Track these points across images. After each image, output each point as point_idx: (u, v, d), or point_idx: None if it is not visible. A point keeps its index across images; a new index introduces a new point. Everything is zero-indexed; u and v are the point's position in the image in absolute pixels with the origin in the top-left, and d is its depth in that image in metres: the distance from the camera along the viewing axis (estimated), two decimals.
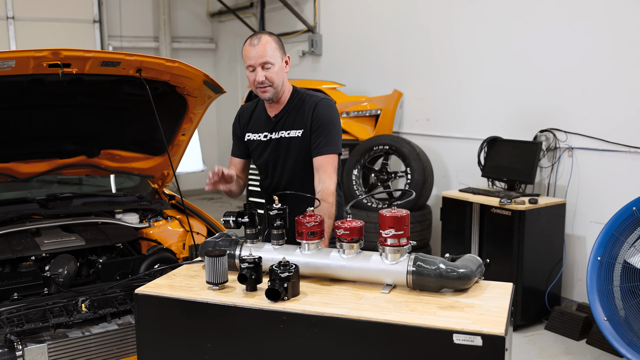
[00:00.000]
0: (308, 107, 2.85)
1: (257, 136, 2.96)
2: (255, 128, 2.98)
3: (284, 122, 2.89)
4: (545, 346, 4.44)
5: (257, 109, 3.00)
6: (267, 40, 2.74)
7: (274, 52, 2.75)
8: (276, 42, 2.78)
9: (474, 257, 2.31)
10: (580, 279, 4.81)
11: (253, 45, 2.74)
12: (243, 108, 3.07)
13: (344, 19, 7.16)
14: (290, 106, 2.89)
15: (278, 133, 2.90)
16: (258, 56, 2.72)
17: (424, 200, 5.68)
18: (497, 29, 5.37)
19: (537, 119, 5.03)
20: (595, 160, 4.71)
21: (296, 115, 2.87)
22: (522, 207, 4.52)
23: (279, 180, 2.94)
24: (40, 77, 2.87)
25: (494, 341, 1.83)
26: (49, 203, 3.54)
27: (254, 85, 2.81)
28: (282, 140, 2.89)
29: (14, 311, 2.63)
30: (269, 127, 2.93)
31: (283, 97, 2.88)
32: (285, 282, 2.13)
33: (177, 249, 3.49)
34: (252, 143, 2.99)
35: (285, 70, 2.84)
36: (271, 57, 2.73)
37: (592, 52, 4.66)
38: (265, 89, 2.78)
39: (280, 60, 2.79)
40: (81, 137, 3.48)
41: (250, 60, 2.74)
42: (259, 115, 2.97)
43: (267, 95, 2.80)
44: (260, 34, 2.78)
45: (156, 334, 2.26)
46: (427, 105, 6.12)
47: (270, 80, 2.76)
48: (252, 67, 2.76)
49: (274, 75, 2.76)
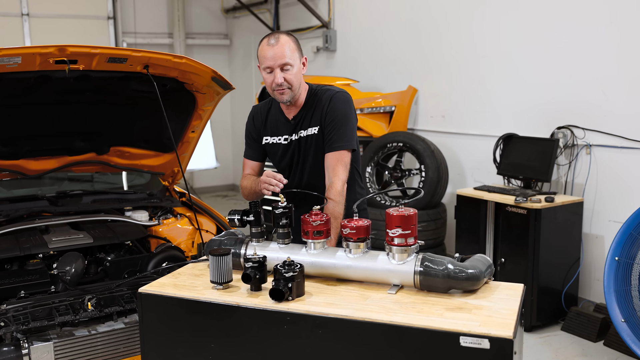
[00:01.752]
0: (324, 102, 2.74)
1: (276, 139, 2.84)
2: (273, 131, 2.85)
3: (302, 122, 2.78)
4: (561, 347, 4.36)
5: (272, 110, 2.87)
6: (285, 41, 2.62)
7: (292, 53, 2.63)
8: (294, 43, 2.67)
9: (483, 258, 2.26)
10: (598, 279, 4.71)
11: (271, 46, 2.61)
12: (256, 109, 2.94)
13: (359, 15, 7.10)
14: (307, 105, 2.78)
15: (297, 134, 2.79)
16: (277, 57, 2.60)
17: (439, 198, 5.61)
18: (514, 26, 5.28)
19: (554, 116, 4.94)
20: (614, 158, 4.61)
21: (313, 112, 2.76)
22: (538, 206, 4.44)
23: (301, 179, 2.84)
24: (47, 73, 2.87)
25: (501, 344, 1.79)
26: (58, 200, 3.54)
27: (270, 88, 2.68)
28: (301, 140, 2.78)
29: (20, 309, 2.63)
30: (288, 130, 2.81)
31: (300, 98, 2.77)
32: (289, 282, 2.09)
33: (186, 247, 3.47)
34: (271, 146, 2.87)
35: (303, 72, 2.72)
36: (290, 58, 2.62)
37: (611, 47, 4.56)
38: (283, 91, 2.66)
39: (298, 62, 2.67)
40: (90, 134, 3.48)
41: (268, 61, 2.62)
42: (276, 118, 2.85)
43: (285, 98, 2.68)
44: (278, 34, 2.65)
45: (160, 334, 2.25)
46: (443, 102, 6.05)
47: (289, 82, 2.64)
48: (269, 68, 2.63)
49: (292, 77, 2.64)
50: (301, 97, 2.77)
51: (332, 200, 2.63)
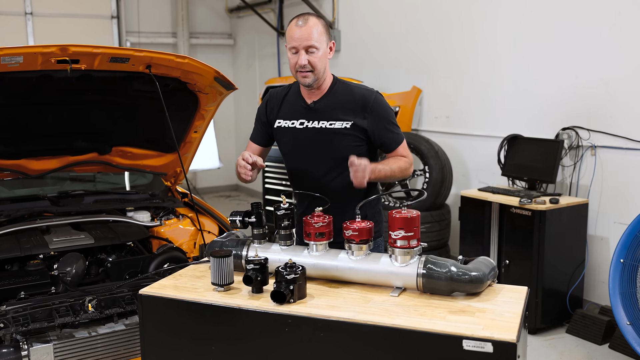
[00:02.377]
0: (360, 100, 2.67)
1: (289, 123, 2.75)
2: (287, 115, 2.76)
3: (325, 111, 2.69)
4: (566, 350, 4.33)
5: (290, 94, 2.79)
6: (314, 23, 2.58)
7: (320, 36, 2.58)
8: (323, 26, 2.61)
9: (487, 260, 2.24)
10: (603, 281, 4.68)
11: (299, 27, 2.57)
12: (272, 93, 2.85)
13: (363, 15, 7.08)
14: (333, 94, 2.70)
15: (319, 122, 2.69)
16: (303, 38, 2.55)
17: (443, 200, 5.58)
18: (519, 26, 5.25)
19: (559, 117, 4.91)
20: (619, 159, 4.57)
21: (343, 104, 2.68)
22: (542, 207, 4.41)
23: (316, 171, 2.74)
24: (49, 73, 2.85)
25: (505, 348, 1.78)
26: (60, 200, 3.52)
27: (294, 69, 2.62)
28: (322, 131, 2.68)
29: (20, 310, 2.61)
30: (305, 115, 2.72)
31: (324, 84, 2.69)
32: (291, 285, 2.07)
33: (187, 248, 3.45)
34: (282, 130, 2.78)
35: (329, 57, 2.66)
36: (317, 41, 2.56)
37: (615, 48, 4.53)
38: (306, 74, 2.60)
39: (325, 46, 2.61)
40: (92, 134, 3.47)
41: (294, 41, 2.57)
42: (293, 102, 2.76)
43: (307, 81, 2.61)
44: (308, 15, 2.61)
45: (160, 336, 2.23)
46: (447, 103, 6.02)
47: (312, 65, 2.58)
48: (295, 49, 2.58)
49: (317, 60, 2.58)
50: (325, 83, 2.70)
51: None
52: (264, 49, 9.19)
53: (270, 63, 9.01)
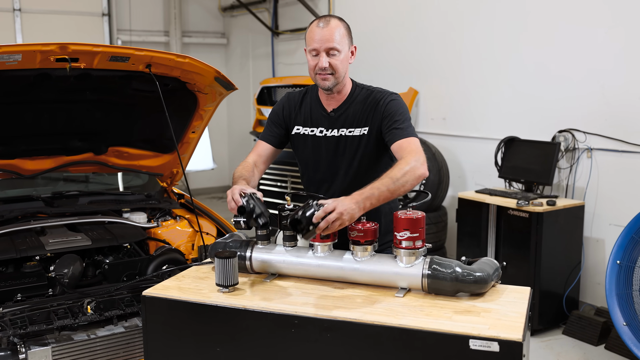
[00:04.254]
0: (378, 104, 2.56)
1: (308, 130, 2.65)
2: (306, 121, 2.67)
3: (345, 118, 2.60)
4: (562, 351, 4.34)
5: (308, 99, 2.69)
6: (336, 24, 2.48)
7: (342, 38, 2.48)
8: (345, 29, 2.52)
9: (490, 261, 2.25)
10: (599, 282, 4.69)
11: (320, 28, 2.47)
12: (290, 96, 2.75)
13: (359, 15, 7.05)
14: (353, 100, 2.60)
15: (338, 131, 2.59)
16: (325, 40, 2.45)
17: (440, 201, 5.58)
18: (516, 29, 5.27)
19: (556, 119, 4.93)
20: (615, 162, 4.59)
21: (361, 110, 2.58)
22: (539, 209, 4.41)
23: (334, 178, 2.65)
24: (47, 71, 2.81)
25: (511, 347, 1.79)
26: (54, 201, 3.47)
27: (313, 71, 2.53)
28: (342, 139, 2.59)
29: (18, 313, 2.57)
30: (325, 123, 2.62)
31: (344, 90, 2.60)
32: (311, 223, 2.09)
33: (185, 249, 3.42)
34: (301, 137, 2.68)
35: (350, 61, 2.56)
36: (338, 44, 2.47)
37: (612, 51, 4.55)
38: (326, 77, 2.49)
39: (347, 49, 2.52)
40: (88, 133, 3.42)
41: (315, 43, 2.47)
42: (312, 107, 2.66)
43: (327, 84, 2.51)
44: (330, 17, 2.51)
45: (164, 337, 2.21)
46: (444, 104, 6.02)
47: (333, 68, 2.48)
48: (315, 50, 2.48)
49: (338, 63, 2.48)
50: (345, 88, 2.60)
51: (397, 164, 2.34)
52: (258, 49, 9.15)
53: (264, 63, 8.96)
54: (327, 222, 2.09)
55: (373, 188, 2.22)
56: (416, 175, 2.30)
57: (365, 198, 2.19)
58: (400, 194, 2.28)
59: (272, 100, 6.95)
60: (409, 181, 2.28)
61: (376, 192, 2.21)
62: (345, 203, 2.13)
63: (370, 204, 2.20)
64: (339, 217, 2.10)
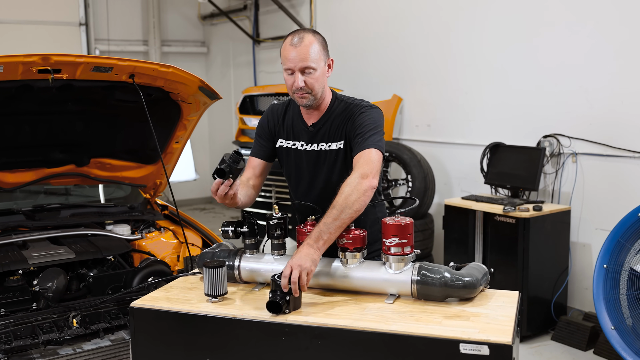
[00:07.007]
0: (351, 117, 2.51)
1: (290, 144, 2.63)
2: (288, 135, 2.65)
3: (323, 132, 2.57)
4: (551, 357, 4.34)
5: (290, 112, 2.66)
6: (310, 41, 2.42)
7: (317, 55, 2.42)
8: (320, 44, 2.46)
9: (479, 266, 2.28)
10: (587, 287, 4.70)
11: (294, 46, 2.41)
12: (273, 108, 2.72)
13: (341, 22, 7.05)
14: (331, 114, 2.56)
15: (318, 145, 2.57)
16: (299, 59, 2.40)
17: (426, 209, 5.58)
18: (499, 34, 5.30)
19: (540, 124, 4.95)
20: (600, 166, 4.62)
21: (338, 124, 2.54)
22: (526, 215, 4.42)
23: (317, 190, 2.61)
24: (29, 82, 2.78)
25: (501, 350, 1.82)
26: (35, 214, 3.41)
27: (290, 90, 2.49)
28: (321, 153, 2.57)
29: (2, 328, 2.53)
30: (305, 137, 2.60)
31: (323, 104, 2.56)
32: (286, 295, 2.03)
33: (171, 261, 3.38)
34: (283, 150, 2.66)
35: (327, 75, 2.53)
36: (313, 61, 2.41)
37: (595, 56, 4.59)
38: (303, 95, 2.46)
39: (323, 64, 2.47)
40: (70, 145, 3.37)
41: (289, 62, 2.42)
42: (293, 122, 2.64)
43: (305, 102, 2.48)
44: (304, 33, 2.45)
45: (153, 349, 2.19)
46: (428, 111, 6.03)
47: (309, 87, 2.44)
48: (290, 70, 2.44)
49: (314, 81, 2.44)
50: (324, 102, 2.57)
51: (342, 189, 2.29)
52: (239, 57, 9.12)
53: (245, 72, 8.94)
54: (294, 283, 2.07)
55: (320, 225, 2.19)
56: (361, 191, 2.25)
57: (316, 239, 2.17)
58: (354, 215, 2.23)
59: (255, 108, 6.92)
60: (357, 200, 2.23)
61: (324, 228, 2.18)
62: (298, 256, 2.12)
63: (324, 242, 2.17)
64: (299, 270, 2.08)
